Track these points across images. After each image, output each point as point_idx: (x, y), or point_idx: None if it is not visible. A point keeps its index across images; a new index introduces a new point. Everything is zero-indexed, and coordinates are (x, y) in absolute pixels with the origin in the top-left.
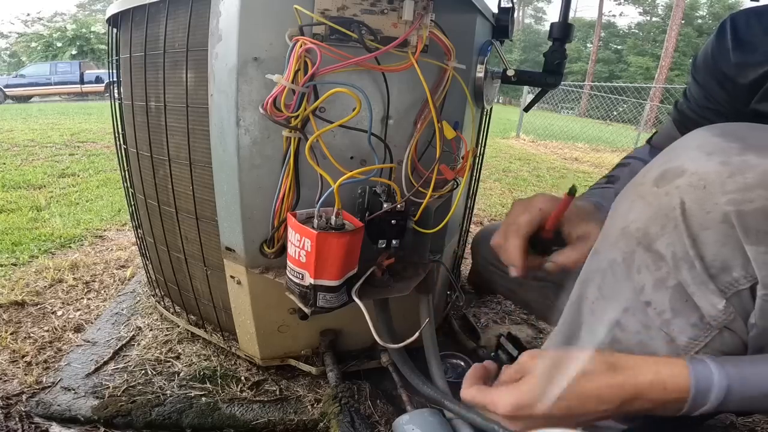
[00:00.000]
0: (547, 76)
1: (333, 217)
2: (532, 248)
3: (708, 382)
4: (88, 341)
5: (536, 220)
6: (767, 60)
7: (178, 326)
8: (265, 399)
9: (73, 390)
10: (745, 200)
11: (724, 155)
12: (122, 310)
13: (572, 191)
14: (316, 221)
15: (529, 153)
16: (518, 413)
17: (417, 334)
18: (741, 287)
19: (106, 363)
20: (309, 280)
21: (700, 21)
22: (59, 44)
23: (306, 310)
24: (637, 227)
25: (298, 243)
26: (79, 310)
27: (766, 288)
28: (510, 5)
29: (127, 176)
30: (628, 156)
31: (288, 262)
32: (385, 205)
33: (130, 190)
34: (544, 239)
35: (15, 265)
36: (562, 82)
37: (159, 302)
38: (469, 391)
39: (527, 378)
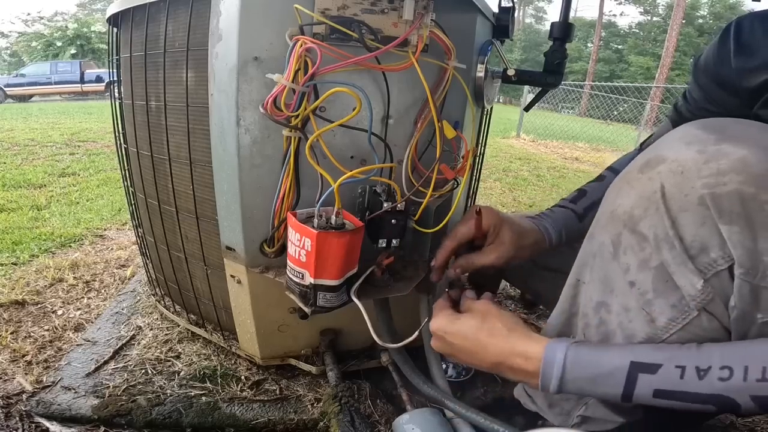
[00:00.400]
0: (547, 75)
1: (333, 217)
2: (471, 250)
3: (553, 358)
4: (89, 340)
5: (471, 231)
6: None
7: (179, 325)
8: (265, 398)
9: (74, 389)
10: (718, 184)
11: (702, 144)
12: (122, 309)
13: (479, 212)
14: (316, 221)
15: (530, 152)
16: (437, 333)
17: (416, 333)
18: (719, 267)
19: (106, 362)
20: (309, 279)
21: (701, 21)
22: (59, 43)
23: (306, 309)
24: (623, 210)
25: (299, 242)
26: (79, 309)
27: (741, 267)
28: (510, 5)
29: (127, 175)
30: (609, 166)
31: (288, 261)
32: (385, 205)
33: (130, 189)
34: (475, 245)
35: (15, 264)
36: (563, 82)
37: (159, 301)
38: (441, 306)
39: (460, 316)
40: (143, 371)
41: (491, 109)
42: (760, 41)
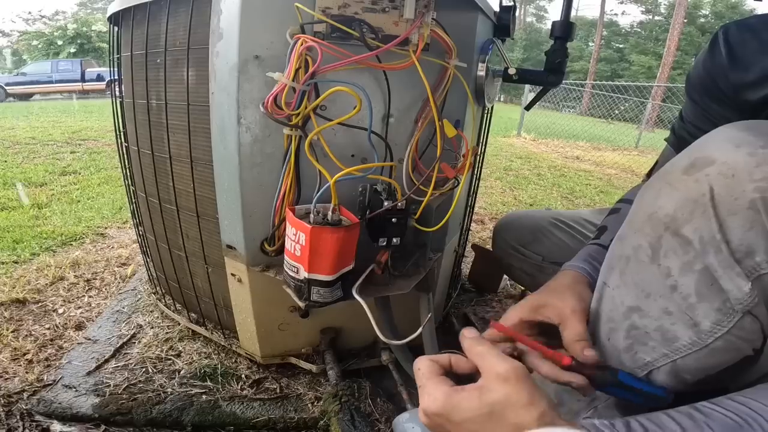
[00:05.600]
0: (548, 74)
1: (330, 213)
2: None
3: None
4: (89, 339)
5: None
6: (765, 79)
7: (179, 324)
8: (266, 397)
9: (74, 388)
10: None
11: (751, 147)
12: (123, 307)
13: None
14: (312, 216)
15: (530, 151)
16: (433, 417)
17: (419, 330)
18: (762, 271)
19: (107, 361)
20: (303, 273)
21: (702, 20)
22: (60, 42)
23: (300, 303)
24: (665, 213)
25: (294, 237)
26: (80, 307)
27: None
28: (511, 4)
29: (128, 174)
30: (620, 200)
31: (285, 255)
32: (385, 204)
33: (131, 187)
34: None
35: (16, 262)
36: (564, 81)
37: (160, 300)
38: (431, 372)
39: (465, 389)
40: (144, 370)
41: (492, 107)
42: (755, 54)
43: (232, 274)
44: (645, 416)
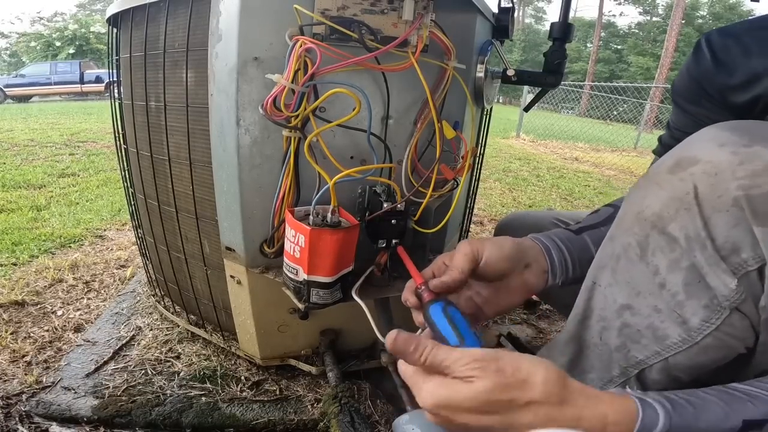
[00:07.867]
0: (547, 75)
1: (329, 215)
2: None
3: (652, 427)
4: (88, 341)
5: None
6: (750, 82)
7: (178, 326)
8: (265, 399)
9: (73, 390)
10: (753, 185)
11: (735, 146)
12: (122, 309)
13: None
14: (311, 218)
15: (529, 153)
16: (438, 412)
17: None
18: (749, 268)
19: (106, 363)
20: (303, 275)
21: (700, 21)
22: (59, 44)
23: (299, 305)
24: (652, 212)
25: (294, 238)
26: (79, 309)
27: None
28: (510, 5)
29: (127, 176)
30: (608, 204)
31: (284, 257)
32: (385, 205)
33: (130, 189)
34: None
35: (15, 264)
36: (563, 82)
37: (159, 302)
38: (408, 368)
39: (461, 380)
40: (143, 372)
41: (491, 109)
42: (738, 58)
43: (232, 276)
44: (681, 391)
